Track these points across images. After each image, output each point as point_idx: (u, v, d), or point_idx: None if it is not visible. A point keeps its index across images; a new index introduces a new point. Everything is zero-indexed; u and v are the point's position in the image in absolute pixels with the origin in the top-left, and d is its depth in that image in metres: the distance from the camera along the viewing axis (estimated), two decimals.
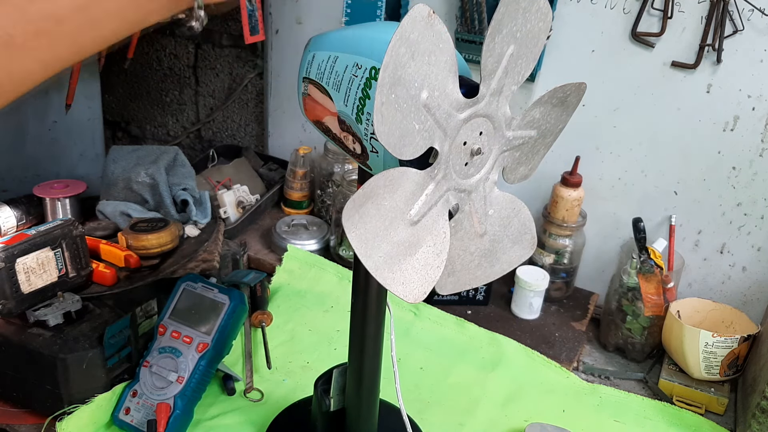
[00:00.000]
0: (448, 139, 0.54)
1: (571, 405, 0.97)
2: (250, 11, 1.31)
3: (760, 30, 0.98)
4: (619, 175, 1.16)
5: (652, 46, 1.05)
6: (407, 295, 0.54)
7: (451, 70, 0.51)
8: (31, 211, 1.15)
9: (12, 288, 0.86)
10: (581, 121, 1.13)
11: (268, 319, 1.06)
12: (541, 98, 0.59)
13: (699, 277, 1.16)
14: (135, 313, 0.92)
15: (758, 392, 0.90)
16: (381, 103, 0.48)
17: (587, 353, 1.12)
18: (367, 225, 0.51)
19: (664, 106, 1.08)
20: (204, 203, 1.18)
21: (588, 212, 1.17)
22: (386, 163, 0.57)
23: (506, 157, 0.61)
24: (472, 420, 0.93)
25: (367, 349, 0.75)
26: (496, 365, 1.03)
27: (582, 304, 1.20)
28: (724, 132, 1.06)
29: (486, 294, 1.17)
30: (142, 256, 1.04)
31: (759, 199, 1.07)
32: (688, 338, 0.99)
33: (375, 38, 0.56)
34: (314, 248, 1.26)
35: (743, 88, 1.02)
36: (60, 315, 0.88)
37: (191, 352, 0.88)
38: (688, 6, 1.01)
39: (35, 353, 0.84)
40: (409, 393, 0.96)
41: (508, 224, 0.64)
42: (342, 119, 0.60)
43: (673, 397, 1.01)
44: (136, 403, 0.86)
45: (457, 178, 0.57)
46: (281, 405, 0.92)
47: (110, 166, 1.20)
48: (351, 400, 0.80)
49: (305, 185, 1.36)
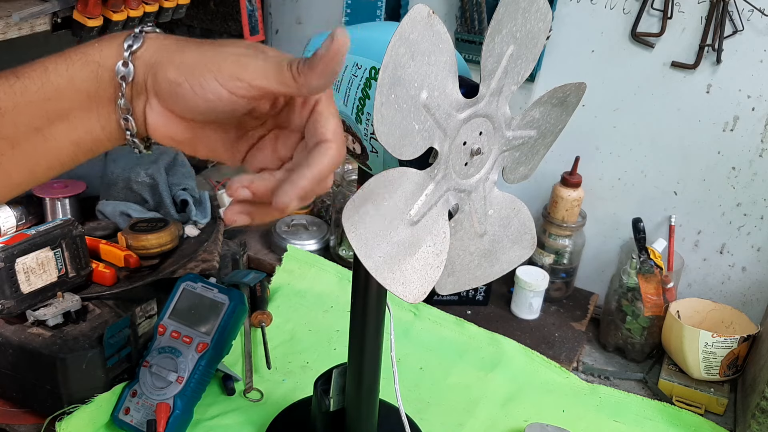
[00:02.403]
0: (447, 139, 0.54)
1: (570, 405, 0.97)
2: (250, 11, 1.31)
3: (759, 30, 0.98)
4: (618, 175, 1.16)
5: (652, 47, 1.05)
6: (407, 295, 0.54)
7: (450, 70, 0.51)
8: (30, 211, 1.15)
9: (12, 288, 0.86)
10: (581, 121, 1.13)
11: (268, 319, 1.06)
12: (541, 98, 0.59)
13: (699, 278, 1.16)
14: (135, 313, 0.92)
15: (758, 392, 0.90)
16: (381, 103, 0.48)
17: (587, 353, 1.12)
18: (367, 225, 0.51)
19: (664, 107, 1.08)
20: (204, 203, 1.18)
21: (588, 212, 1.17)
22: (386, 163, 0.57)
23: (506, 157, 0.61)
24: (472, 420, 0.93)
25: (367, 349, 0.75)
26: (496, 365, 1.03)
27: (582, 304, 1.20)
28: (724, 132, 1.06)
29: (486, 294, 1.17)
30: (141, 256, 1.04)
31: (759, 200, 1.07)
32: (688, 338, 0.99)
33: (375, 38, 0.56)
34: (314, 248, 1.26)
35: (743, 88, 1.02)
36: (60, 315, 0.88)
37: (191, 352, 0.88)
38: (688, 6, 1.01)
39: (35, 353, 0.84)
40: (408, 393, 0.96)
41: (507, 224, 0.64)
42: (342, 119, 0.60)
43: (672, 398, 1.01)
44: (136, 403, 0.86)
45: (456, 178, 0.57)
46: (281, 405, 0.92)
47: (110, 165, 1.20)
48: (351, 400, 0.80)
49: None
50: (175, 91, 0.43)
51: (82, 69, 0.44)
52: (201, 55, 0.43)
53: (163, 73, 0.43)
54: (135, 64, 0.44)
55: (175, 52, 0.44)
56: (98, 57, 0.45)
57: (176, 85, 0.43)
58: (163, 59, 0.44)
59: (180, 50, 0.44)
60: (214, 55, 0.43)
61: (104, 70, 0.44)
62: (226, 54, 0.43)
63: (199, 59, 0.43)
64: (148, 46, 0.44)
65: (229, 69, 0.42)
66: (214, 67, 0.43)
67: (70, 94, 0.45)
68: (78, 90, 0.45)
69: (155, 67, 0.44)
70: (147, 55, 0.44)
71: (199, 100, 0.43)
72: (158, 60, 0.44)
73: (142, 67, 0.44)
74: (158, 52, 0.44)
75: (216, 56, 0.43)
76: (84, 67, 0.45)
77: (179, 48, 0.44)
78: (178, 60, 0.43)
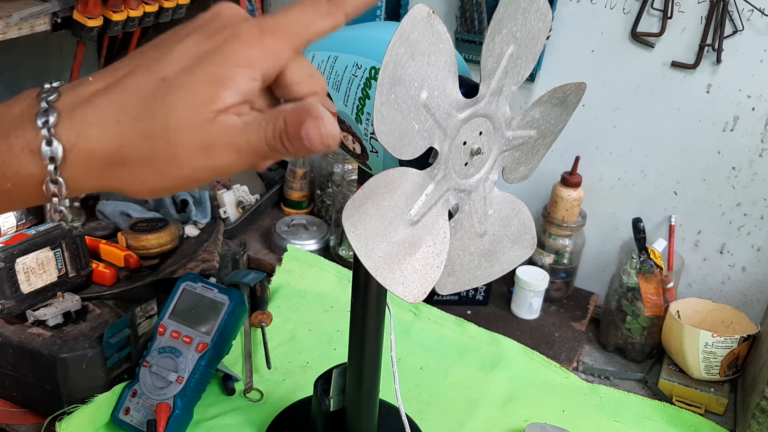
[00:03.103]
0: (447, 139, 0.54)
1: (570, 405, 0.97)
2: (250, 11, 1.31)
3: (760, 30, 0.98)
4: (618, 175, 1.16)
5: (652, 46, 1.05)
6: (407, 295, 0.54)
7: (450, 70, 0.51)
8: (30, 211, 1.14)
9: (12, 288, 0.86)
10: (581, 121, 1.13)
11: (268, 319, 1.06)
12: (541, 98, 0.59)
13: (699, 278, 1.16)
14: (135, 313, 0.92)
15: (758, 392, 0.90)
16: (381, 103, 0.48)
17: (587, 353, 1.12)
18: (367, 225, 0.51)
19: (664, 107, 1.08)
20: (204, 203, 1.18)
21: (588, 212, 1.17)
22: (386, 163, 0.57)
23: (506, 157, 0.61)
24: (472, 420, 0.93)
25: (367, 349, 0.75)
26: (496, 365, 1.03)
27: (582, 304, 1.20)
28: (724, 132, 1.06)
29: (486, 294, 1.17)
30: (141, 256, 1.04)
31: (759, 200, 1.07)
32: (688, 338, 0.99)
33: (375, 38, 0.56)
34: (314, 248, 1.26)
35: (743, 88, 1.02)
36: (60, 315, 0.88)
37: (191, 352, 0.88)
38: (688, 6, 1.01)
39: (35, 353, 0.84)
40: (408, 393, 0.96)
41: (507, 224, 0.64)
42: (342, 119, 0.60)
43: (672, 398, 1.01)
44: (136, 403, 0.86)
45: (456, 178, 0.57)
46: (281, 405, 0.92)
47: None
48: (351, 400, 0.80)
49: (305, 185, 1.36)
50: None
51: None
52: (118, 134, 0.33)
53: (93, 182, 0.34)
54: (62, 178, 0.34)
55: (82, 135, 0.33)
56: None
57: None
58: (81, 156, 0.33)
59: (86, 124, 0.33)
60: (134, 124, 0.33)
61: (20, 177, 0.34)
62: (153, 114, 0.32)
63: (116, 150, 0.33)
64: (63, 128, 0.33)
65: (173, 165, 0.33)
66: (145, 163, 0.33)
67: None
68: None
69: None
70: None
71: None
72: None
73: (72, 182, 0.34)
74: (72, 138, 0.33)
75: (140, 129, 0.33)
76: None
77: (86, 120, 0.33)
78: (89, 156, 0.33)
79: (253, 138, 0.33)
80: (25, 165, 0.33)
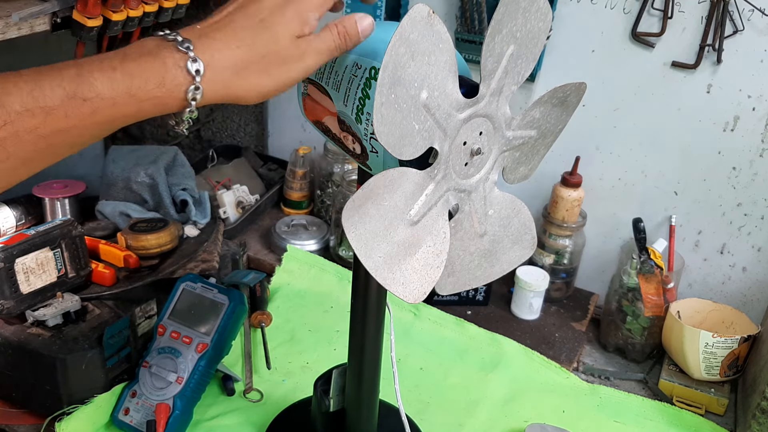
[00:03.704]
0: (447, 139, 0.54)
1: (571, 405, 0.97)
2: None
3: (760, 30, 0.98)
4: (619, 175, 1.16)
5: (652, 46, 1.05)
6: (407, 296, 0.54)
7: (450, 70, 0.51)
8: (30, 211, 1.14)
9: (11, 288, 0.86)
10: (581, 121, 1.12)
11: (268, 320, 1.06)
12: (541, 98, 0.59)
13: (699, 278, 1.16)
14: (134, 314, 0.92)
15: (758, 393, 0.90)
16: (381, 103, 0.48)
17: (587, 354, 1.12)
18: (366, 225, 0.51)
19: (664, 107, 1.08)
20: (203, 203, 1.18)
21: (588, 212, 1.17)
22: (386, 163, 0.57)
23: (506, 157, 0.61)
24: (472, 420, 0.93)
25: (367, 350, 0.75)
26: (496, 366, 1.02)
27: (582, 304, 1.20)
28: (724, 132, 1.06)
29: (486, 294, 1.17)
30: (141, 257, 1.04)
31: (759, 200, 1.07)
32: (689, 339, 0.99)
33: (375, 38, 0.56)
34: (314, 248, 1.26)
35: (743, 88, 1.02)
36: (59, 315, 0.88)
37: (191, 353, 0.88)
38: (688, 6, 1.01)
39: (34, 353, 0.84)
40: (408, 393, 0.96)
41: (508, 224, 0.64)
42: (342, 119, 0.60)
43: (673, 398, 1.01)
44: (136, 403, 0.86)
45: (457, 178, 0.57)
46: (281, 405, 0.92)
47: (109, 166, 1.20)
48: (351, 400, 0.80)
49: (305, 185, 1.36)
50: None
51: (152, 109, 0.48)
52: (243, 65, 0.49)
53: (228, 91, 0.49)
54: (204, 87, 0.48)
55: (227, 69, 0.49)
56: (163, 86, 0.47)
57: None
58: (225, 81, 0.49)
59: (234, 71, 0.49)
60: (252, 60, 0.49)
61: (173, 100, 0.48)
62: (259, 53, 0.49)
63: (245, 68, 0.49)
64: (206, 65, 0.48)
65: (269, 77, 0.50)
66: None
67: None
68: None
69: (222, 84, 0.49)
70: (209, 76, 0.48)
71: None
72: (221, 78, 0.49)
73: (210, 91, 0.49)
74: (217, 73, 0.48)
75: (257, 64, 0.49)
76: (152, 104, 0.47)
77: (232, 66, 0.49)
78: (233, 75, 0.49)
79: (327, 42, 0.52)
80: (176, 76, 0.47)
